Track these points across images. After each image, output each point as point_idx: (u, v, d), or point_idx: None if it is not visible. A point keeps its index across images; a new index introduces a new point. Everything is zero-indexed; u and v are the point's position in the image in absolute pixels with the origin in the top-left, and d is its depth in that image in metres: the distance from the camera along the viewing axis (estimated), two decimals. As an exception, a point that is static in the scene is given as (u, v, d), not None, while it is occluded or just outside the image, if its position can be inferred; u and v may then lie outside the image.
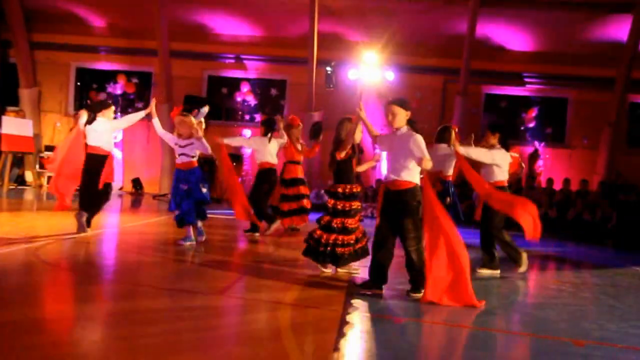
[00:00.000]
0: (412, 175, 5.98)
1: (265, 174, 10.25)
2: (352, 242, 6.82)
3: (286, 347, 4.02)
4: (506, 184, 7.94)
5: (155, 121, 8.68)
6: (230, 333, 4.49)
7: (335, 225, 6.77)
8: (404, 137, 6.02)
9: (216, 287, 5.92)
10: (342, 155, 6.81)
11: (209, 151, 8.62)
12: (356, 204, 6.93)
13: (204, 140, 8.46)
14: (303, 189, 11.15)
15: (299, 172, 11.20)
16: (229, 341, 4.27)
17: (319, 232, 6.86)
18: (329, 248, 6.72)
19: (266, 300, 5.45)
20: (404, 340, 4.56)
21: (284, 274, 6.80)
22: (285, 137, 10.49)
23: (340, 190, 6.84)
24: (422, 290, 5.76)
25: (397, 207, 5.94)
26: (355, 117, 6.60)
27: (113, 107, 8.94)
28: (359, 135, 6.91)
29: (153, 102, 8.93)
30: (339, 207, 6.81)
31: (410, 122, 6.17)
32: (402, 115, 6.09)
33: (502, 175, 7.89)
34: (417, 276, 5.90)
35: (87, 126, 8.33)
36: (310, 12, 18.12)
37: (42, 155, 18.00)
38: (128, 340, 4.06)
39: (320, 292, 5.90)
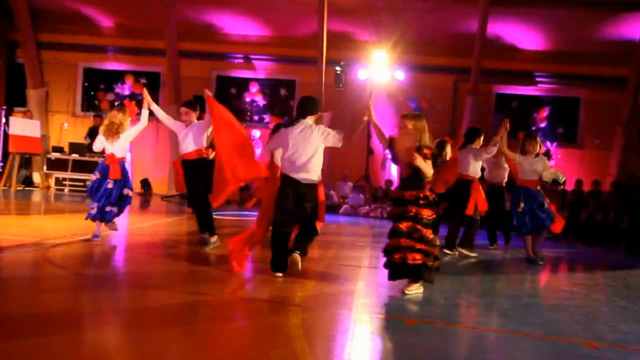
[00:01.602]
0: None
1: None
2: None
3: (297, 349, 3.98)
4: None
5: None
6: (240, 335, 4.46)
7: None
8: None
9: (226, 289, 5.85)
10: None
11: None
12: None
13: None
14: None
15: None
16: (239, 343, 4.23)
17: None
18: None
19: (276, 302, 5.40)
20: (415, 341, 4.49)
21: (293, 275, 6.70)
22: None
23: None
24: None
25: None
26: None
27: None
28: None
29: (145, 92, 8.55)
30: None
31: None
32: None
33: None
34: None
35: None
36: (320, 11, 18.02)
37: (49, 156, 17.95)
38: (137, 342, 4.04)
39: (330, 294, 5.87)
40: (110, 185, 8.08)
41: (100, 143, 8.28)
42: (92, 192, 8.16)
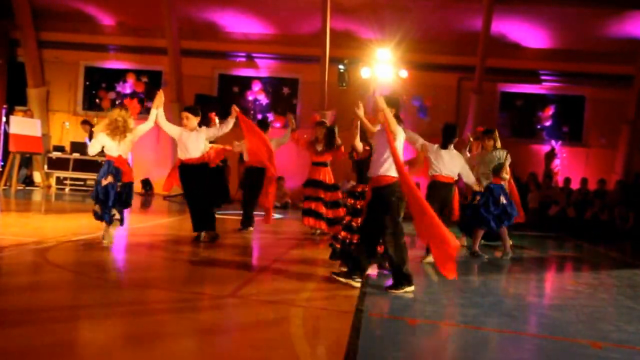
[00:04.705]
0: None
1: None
2: None
3: (298, 349, 3.94)
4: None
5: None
6: (241, 335, 4.41)
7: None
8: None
9: (227, 288, 5.80)
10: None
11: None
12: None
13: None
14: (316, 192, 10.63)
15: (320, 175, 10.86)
16: (239, 343, 4.19)
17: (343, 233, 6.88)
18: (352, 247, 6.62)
19: (278, 302, 5.35)
20: (418, 341, 4.43)
21: (295, 275, 6.67)
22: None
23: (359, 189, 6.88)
24: (401, 287, 5.89)
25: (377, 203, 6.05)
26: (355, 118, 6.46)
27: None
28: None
29: (160, 94, 8.45)
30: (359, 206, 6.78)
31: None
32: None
33: None
34: (396, 273, 6.00)
35: None
36: (323, 9, 17.95)
37: (50, 155, 17.89)
38: (136, 342, 4.01)
39: (332, 293, 5.80)
40: (119, 189, 7.75)
41: (99, 144, 7.83)
42: (101, 197, 7.69)
